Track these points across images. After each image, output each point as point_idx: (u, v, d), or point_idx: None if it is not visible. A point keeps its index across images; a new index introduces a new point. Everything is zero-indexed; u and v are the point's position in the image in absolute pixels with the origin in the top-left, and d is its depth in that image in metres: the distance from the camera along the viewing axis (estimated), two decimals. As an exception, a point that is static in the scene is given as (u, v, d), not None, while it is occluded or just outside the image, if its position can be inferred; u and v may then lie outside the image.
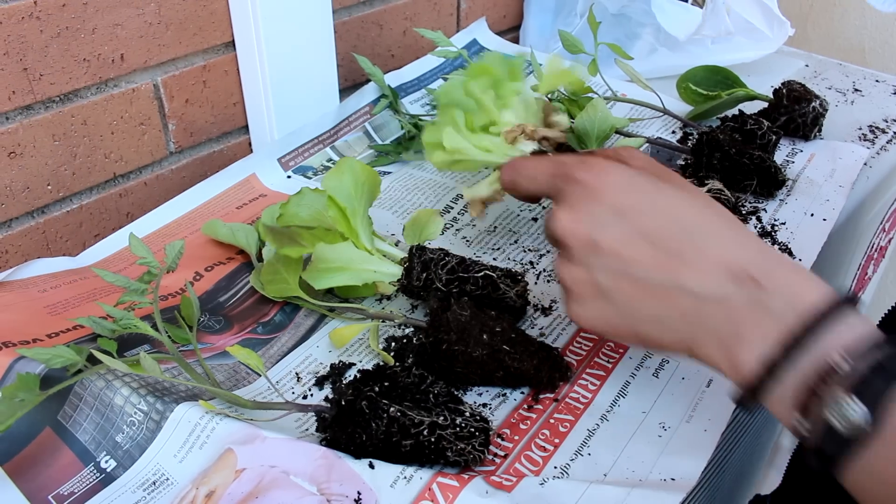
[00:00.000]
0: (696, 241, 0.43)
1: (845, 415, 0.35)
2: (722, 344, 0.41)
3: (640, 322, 0.44)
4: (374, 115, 0.86)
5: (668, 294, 0.42)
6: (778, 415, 0.40)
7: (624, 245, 0.43)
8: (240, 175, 0.76)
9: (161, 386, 0.51)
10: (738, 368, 0.40)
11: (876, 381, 0.35)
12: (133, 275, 0.62)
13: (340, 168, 0.60)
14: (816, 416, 0.37)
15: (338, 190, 0.59)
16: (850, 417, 0.35)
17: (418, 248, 0.58)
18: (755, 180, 0.71)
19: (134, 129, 0.75)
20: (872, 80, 0.99)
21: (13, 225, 0.70)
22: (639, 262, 0.43)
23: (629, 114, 0.88)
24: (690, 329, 0.42)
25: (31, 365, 0.51)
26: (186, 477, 0.47)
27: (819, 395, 0.37)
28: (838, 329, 0.38)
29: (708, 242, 0.43)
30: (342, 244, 0.58)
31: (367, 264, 0.58)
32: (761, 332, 0.39)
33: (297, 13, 0.79)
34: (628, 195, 0.45)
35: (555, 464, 0.48)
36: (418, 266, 0.57)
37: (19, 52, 0.65)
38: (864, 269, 0.99)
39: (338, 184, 0.60)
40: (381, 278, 0.59)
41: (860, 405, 0.35)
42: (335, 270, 0.58)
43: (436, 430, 0.45)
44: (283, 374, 0.56)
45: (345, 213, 0.59)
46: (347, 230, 0.59)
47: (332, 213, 0.59)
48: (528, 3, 1.08)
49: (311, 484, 0.45)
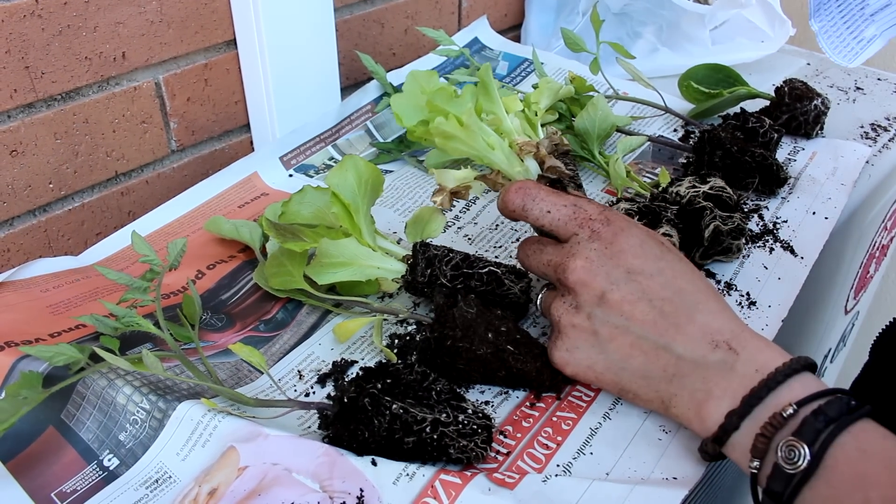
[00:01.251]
0: (689, 310, 0.48)
1: (790, 456, 0.40)
2: (693, 399, 0.46)
3: (624, 374, 0.49)
4: (376, 114, 0.86)
5: (656, 353, 0.47)
6: (737, 461, 0.44)
7: (630, 304, 0.48)
8: (241, 173, 0.76)
9: (163, 384, 0.51)
10: (704, 420, 0.45)
11: (815, 423, 0.40)
12: (135, 273, 0.62)
13: (344, 165, 0.60)
14: (768, 458, 0.42)
15: (342, 187, 0.59)
16: (793, 458, 0.40)
17: (422, 244, 0.58)
18: (757, 178, 0.71)
19: (136, 127, 0.75)
20: (874, 79, 0.99)
21: (15, 223, 0.70)
22: (640, 322, 0.48)
23: (631, 112, 0.88)
24: (668, 386, 0.47)
25: (34, 364, 0.51)
26: (189, 475, 0.47)
27: (769, 438, 0.42)
28: (793, 386, 0.43)
29: (699, 310, 0.48)
30: (346, 240, 0.58)
31: (371, 260, 0.58)
32: (729, 390, 0.45)
33: (299, 11, 0.79)
34: (640, 259, 0.49)
35: (557, 461, 0.48)
36: (423, 262, 0.57)
37: (21, 50, 0.65)
38: (866, 268, 0.99)
39: (342, 181, 0.60)
40: (385, 275, 0.59)
41: (802, 446, 0.40)
42: (339, 266, 0.58)
43: (438, 428, 0.45)
44: (285, 371, 0.56)
45: (348, 209, 0.59)
46: (351, 227, 0.59)
47: (335, 210, 0.59)
48: (530, 1, 1.08)
49: (313, 481, 0.45)
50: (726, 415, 0.44)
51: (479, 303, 0.53)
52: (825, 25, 0.79)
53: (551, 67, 0.95)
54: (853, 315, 1.08)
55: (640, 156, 0.81)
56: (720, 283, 0.62)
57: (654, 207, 0.62)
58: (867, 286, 1.07)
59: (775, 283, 0.62)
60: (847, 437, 0.40)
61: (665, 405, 0.48)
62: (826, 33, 0.79)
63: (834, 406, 0.41)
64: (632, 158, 0.80)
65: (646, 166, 0.80)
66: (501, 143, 0.58)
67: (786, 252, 0.65)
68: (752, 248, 0.65)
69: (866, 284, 1.06)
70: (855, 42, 0.80)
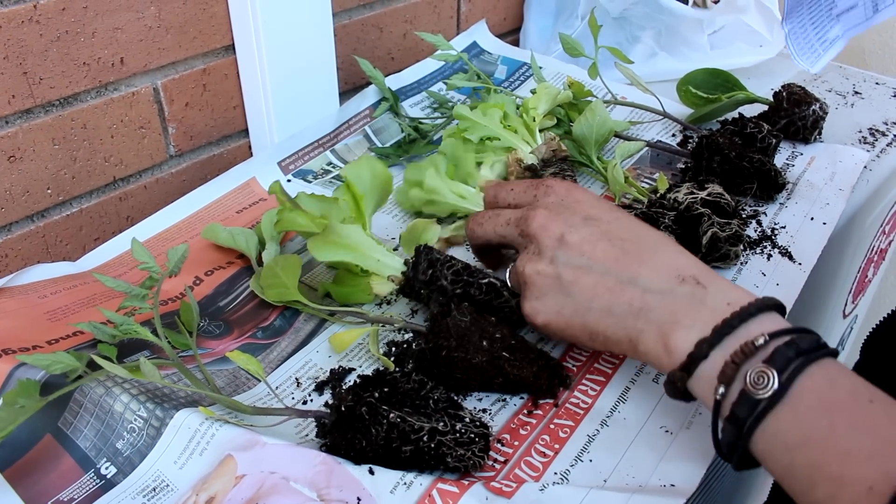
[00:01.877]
0: (651, 248, 0.49)
1: (758, 381, 0.40)
2: (660, 332, 0.46)
3: (591, 314, 0.49)
4: (375, 119, 0.86)
5: (621, 288, 0.48)
6: (700, 392, 0.44)
7: (590, 243, 0.50)
8: (240, 179, 0.76)
9: (161, 392, 0.51)
10: (672, 352, 0.45)
11: (787, 352, 0.41)
12: (133, 279, 0.62)
13: (361, 162, 0.65)
14: (735, 385, 0.42)
15: (357, 178, 0.63)
16: (761, 384, 0.40)
17: (426, 247, 0.58)
18: (755, 184, 0.71)
19: (134, 132, 0.75)
20: (872, 83, 0.99)
21: (13, 229, 0.70)
22: (600, 259, 0.49)
23: (629, 117, 0.88)
24: (634, 321, 0.47)
25: (32, 371, 0.51)
26: (186, 483, 0.47)
27: (738, 365, 0.42)
28: (763, 321, 0.44)
29: (660, 250, 0.49)
30: (354, 226, 0.61)
31: (373, 251, 0.60)
32: (699, 320, 0.45)
33: (297, 16, 0.79)
34: (596, 209, 0.52)
35: (555, 469, 0.48)
36: (424, 262, 0.57)
37: (19, 56, 0.65)
38: (864, 272, 0.99)
39: (358, 173, 0.64)
40: (382, 269, 0.60)
41: (771, 371, 0.40)
42: (343, 247, 0.59)
43: (435, 436, 0.45)
44: (282, 379, 0.56)
45: (358, 201, 0.62)
46: (358, 218, 0.61)
47: (346, 199, 0.62)
48: (529, 5, 1.08)
49: (311, 490, 0.45)
50: (696, 343, 0.44)
51: (473, 310, 0.53)
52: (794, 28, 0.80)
53: (550, 72, 0.95)
54: (851, 319, 1.08)
55: (639, 161, 0.81)
56: (718, 290, 0.62)
57: (652, 213, 0.62)
58: (866, 290, 1.07)
59: (773, 290, 0.62)
60: (816, 368, 0.40)
61: (633, 343, 0.47)
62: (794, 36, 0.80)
63: (805, 340, 0.41)
64: (630, 164, 0.81)
65: (644, 171, 0.80)
66: (471, 191, 0.69)
67: (784, 258, 0.65)
68: (751, 255, 0.65)
69: (865, 288, 1.06)
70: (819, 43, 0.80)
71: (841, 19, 0.81)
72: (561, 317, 0.50)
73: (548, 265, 0.51)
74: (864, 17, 0.80)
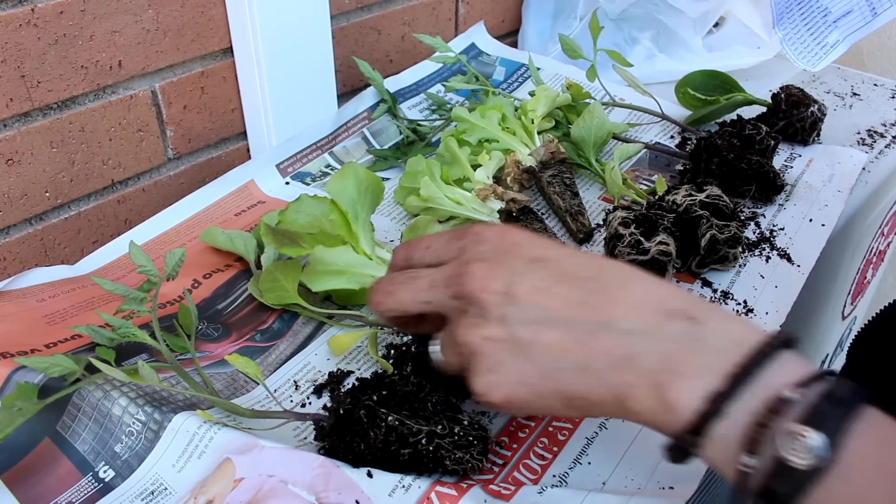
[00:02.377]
0: (619, 282, 0.40)
1: (803, 446, 0.32)
2: (654, 383, 0.37)
3: (563, 377, 0.39)
4: (373, 121, 0.86)
5: (593, 337, 0.38)
6: (715, 459, 0.36)
7: (544, 291, 0.40)
8: (238, 181, 0.76)
9: (159, 395, 0.51)
10: (672, 408, 0.36)
11: (829, 408, 0.33)
12: (131, 282, 0.62)
13: (344, 173, 0.61)
14: (767, 452, 0.33)
15: (341, 194, 0.60)
16: (808, 448, 0.32)
17: None
18: (754, 185, 0.71)
19: (132, 135, 0.75)
20: (871, 84, 0.99)
21: (11, 232, 0.70)
22: (560, 307, 0.39)
23: (627, 119, 0.88)
24: (619, 374, 0.38)
25: (30, 375, 0.50)
26: (185, 486, 0.47)
27: (770, 428, 0.34)
28: (783, 364, 0.36)
29: (631, 282, 0.40)
30: (341, 248, 0.59)
31: (366, 269, 0.59)
32: (703, 366, 0.36)
33: (295, 19, 0.79)
34: (541, 247, 0.42)
35: (553, 472, 0.48)
36: None
37: (17, 59, 0.65)
38: (863, 274, 0.99)
39: (341, 188, 0.61)
40: None
41: (818, 435, 0.32)
42: (333, 273, 0.58)
43: (434, 439, 0.45)
44: (281, 382, 0.56)
45: (346, 217, 0.60)
46: (348, 235, 0.60)
47: (333, 217, 0.60)
48: (527, 7, 1.08)
49: (309, 493, 0.45)
50: (706, 398, 0.35)
51: None
52: (788, 32, 0.80)
53: (548, 73, 0.95)
54: (850, 320, 1.08)
55: (637, 163, 0.81)
56: (717, 292, 0.62)
57: (651, 216, 0.62)
58: (864, 291, 1.07)
59: (772, 292, 0.62)
60: (865, 426, 0.33)
61: (621, 402, 0.38)
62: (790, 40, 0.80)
63: (840, 387, 0.34)
64: (628, 165, 0.81)
65: (642, 173, 0.80)
66: (466, 196, 0.69)
67: (783, 260, 0.65)
68: (749, 257, 0.65)
69: (863, 290, 1.06)
70: (818, 47, 0.81)
71: (838, 25, 0.81)
72: (526, 386, 0.40)
73: (497, 328, 0.40)
74: (863, 21, 0.81)
